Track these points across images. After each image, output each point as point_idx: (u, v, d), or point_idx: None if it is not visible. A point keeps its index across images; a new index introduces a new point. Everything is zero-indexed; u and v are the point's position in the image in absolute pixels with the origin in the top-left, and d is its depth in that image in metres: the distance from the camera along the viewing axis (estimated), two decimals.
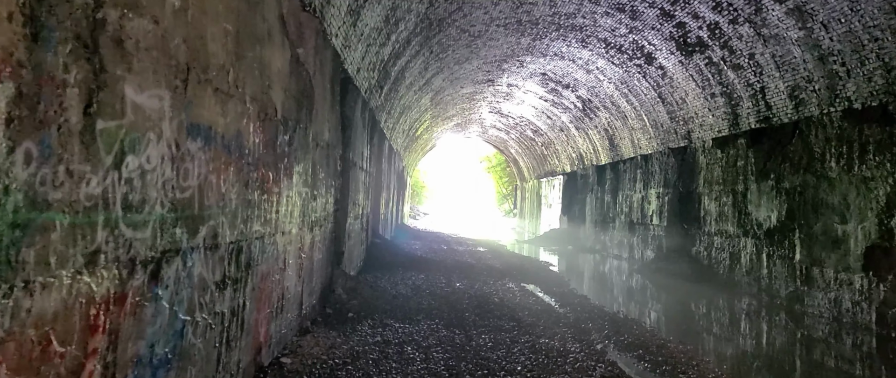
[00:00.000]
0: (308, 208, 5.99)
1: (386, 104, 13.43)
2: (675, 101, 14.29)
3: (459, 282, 11.12)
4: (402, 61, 12.19)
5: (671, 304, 11.35)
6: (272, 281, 4.70)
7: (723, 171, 12.67)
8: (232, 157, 3.56)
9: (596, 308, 9.14)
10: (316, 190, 6.34)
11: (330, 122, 7.20)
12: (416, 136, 26.25)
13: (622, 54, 14.67)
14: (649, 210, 16.93)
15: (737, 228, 11.93)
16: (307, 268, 6.12)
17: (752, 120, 11.41)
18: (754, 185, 11.34)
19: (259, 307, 4.34)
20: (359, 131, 10.04)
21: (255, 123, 4.00)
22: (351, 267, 9.79)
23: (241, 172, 3.72)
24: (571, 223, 25.18)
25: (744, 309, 10.62)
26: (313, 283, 6.49)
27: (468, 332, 6.87)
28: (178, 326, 2.88)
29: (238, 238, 3.73)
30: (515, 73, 19.60)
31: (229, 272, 3.59)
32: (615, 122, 18.86)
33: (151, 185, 2.52)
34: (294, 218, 5.38)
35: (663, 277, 13.92)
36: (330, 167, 7.22)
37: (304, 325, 6.06)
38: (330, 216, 7.41)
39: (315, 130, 6.16)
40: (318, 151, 6.42)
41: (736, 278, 11.83)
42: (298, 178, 5.46)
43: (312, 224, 6.27)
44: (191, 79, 2.86)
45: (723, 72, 11.68)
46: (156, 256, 2.59)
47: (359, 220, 10.68)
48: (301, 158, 5.53)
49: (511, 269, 14.17)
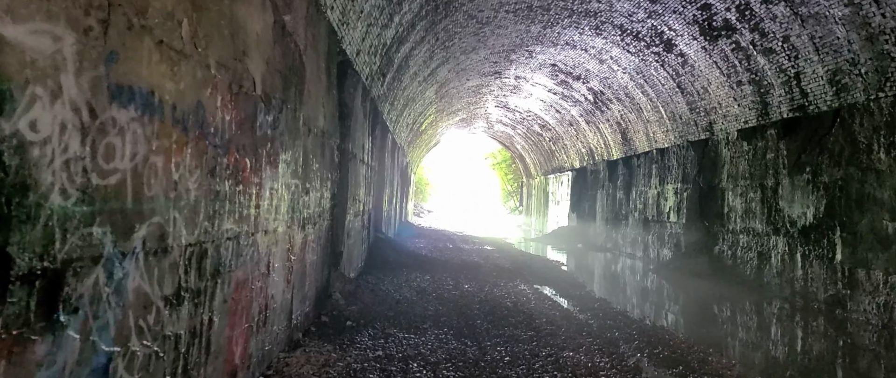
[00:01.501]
0: (299, 203, 5.20)
1: (389, 94, 12.63)
2: (696, 91, 13.44)
3: (468, 283, 10.33)
4: (406, 47, 11.39)
5: (699, 309, 10.53)
6: (252, 289, 3.92)
7: (749, 165, 11.82)
8: (189, 135, 2.77)
9: (619, 314, 8.34)
10: (308, 182, 5.56)
11: (326, 107, 6.41)
12: (420, 131, 25.46)
13: (639, 42, 13.83)
14: (666, 207, 16.10)
15: (766, 226, 11.10)
16: (298, 271, 5.34)
17: (785, 109, 10.57)
18: (786, 179, 10.50)
19: (233, 322, 3.56)
20: (359, 121, 9.25)
21: (225, 96, 3.21)
22: (351, 268, 9.02)
23: (203, 156, 2.93)
24: (581, 220, 24.35)
25: (777, 313, 9.80)
26: (306, 288, 5.71)
27: (481, 343, 6.08)
28: (100, 363, 2.09)
29: (201, 239, 2.95)
30: (524, 64, 18.77)
31: (187, 282, 2.81)
32: (629, 115, 18.01)
33: (42, 165, 1.73)
34: (281, 214, 4.59)
35: (683, 277, 13.10)
36: (325, 158, 6.44)
37: (295, 338, 5.28)
38: (326, 212, 6.62)
39: (307, 114, 5.37)
40: (312, 139, 5.63)
41: (765, 279, 11.00)
42: (286, 168, 4.68)
43: (304, 221, 5.49)
44: (115, 20, 2.08)
45: (751, 57, 10.83)
46: (53, 268, 1.81)
47: (359, 217, 9.90)
48: (289, 145, 4.74)
49: (521, 269, 13.37)
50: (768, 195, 11.10)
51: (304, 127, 5.28)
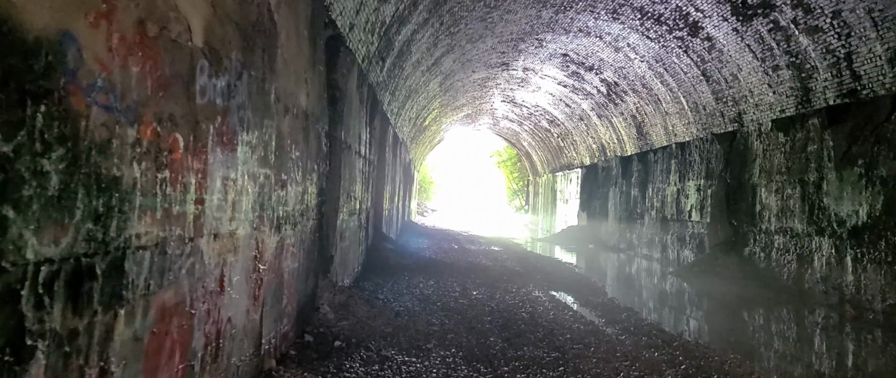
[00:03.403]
0: (271, 199, 4.15)
1: (389, 82, 11.58)
2: (724, 79, 12.34)
3: (476, 290, 9.27)
4: (408, 30, 10.32)
5: (740, 320, 9.43)
6: (192, 315, 2.86)
7: (786, 158, 10.72)
8: (33, 84, 1.71)
9: (653, 327, 7.26)
10: (285, 173, 4.50)
11: (310, 85, 5.36)
12: (423, 127, 24.39)
13: (660, 26, 12.73)
14: (687, 204, 15.00)
15: (807, 225, 10.00)
16: (271, 284, 4.29)
17: (831, 94, 9.46)
18: (833, 173, 9.40)
19: (155, 365, 2.50)
20: (354, 108, 8.20)
21: (128, 35, 2.15)
22: (345, 274, 7.96)
23: (77, 120, 1.87)
24: (591, 219, 23.26)
25: (825, 324, 8.70)
26: (283, 303, 4.66)
27: (497, 369, 5.02)
28: None
29: (77, 251, 1.89)
30: (533, 54, 17.68)
31: (43, 322, 1.75)
32: (645, 108, 16.91)
33: None
34: (242, 212, 3.54)
35: (709, 281, 12.01)
36: (310, 146, 5.39)
37: (266, 367, 4.22)
38: (311, 210, 5.57)
39: (282, 89, 4.32)
40: (290, 120, 4.58)
41: (806, 285, 9.90)
42: (250, 153, 3.63)
43: (280, 221, 4.44)
44: None
45: (792, 37, 9.72)
46: None
47: (356, 217, 8.84)
48: (254, 124, 3.69)
49: (533, 273, 12.30)
50: (810, 191, 9.99)
51: (278, 104, 4.22)
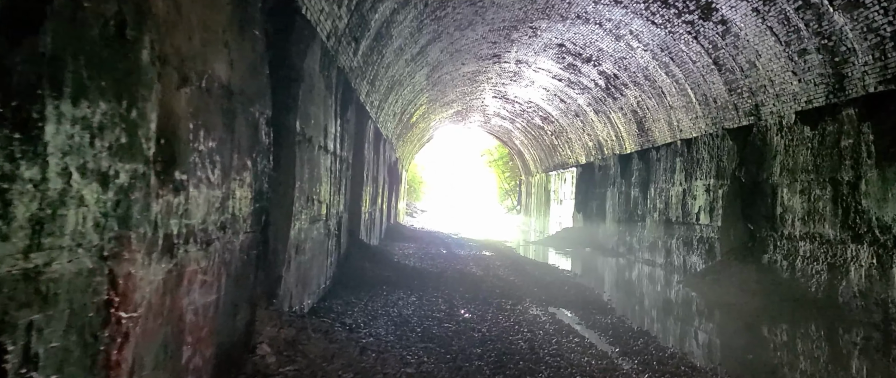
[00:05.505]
0: (150, 209, 2.80)
1: (366, 69, 10.23)
2: (740, 67, 11.10)
3: (465, 308, 7.96)
4: (386, 7, 8.98)
5: (779, 344, 8.17)
6: None
7: (814, 155, 9.49)
8: None
9: (680, 361, 5.96)
10: (183, 171, 3.15)
11: (236, 52, 4.01)
12: (411, 124, 23.04)
13: (668, 9, 11.48)
14: (694, 206, 13.77)
15: (840, 231, 8.77)
16: (154, 336, 2.95)
17: (871, 81, 8.23)
18: (873, 171, 8.17)
19: None
20: (318, 94, 6.85)
21: None
22: (305, 294, 6.61)
23: None
24: (588, 221, 22.02)
25: (868, 347, 7.48)
26: (184, 358, 3.31)
27: None
28: None
29: None
30: (527, 44, 16.40)
31: None
32: (647, 102, 15.67)
33: None
34: (66, 233, 2.19)
35: (725, 292, 10.76)
36: (239, 134, 4.04)
37: None
38: (243, 221, 4.22)
39: (171, 47, 2.97)
40: (195, 96, 3.24)
41: (840, 299, 8.68)
42: (81, 137, 2.28)
43: (175, 241, 3.09)
44: None
45: (825, 16, 8.49)
46: None
47: (321, 224, 7.48)
48: (90, 91, 2.34)
49: (530, 284, 11.01)
50: (844, 192, 8.77)
51: (162, 67, 2.87)
